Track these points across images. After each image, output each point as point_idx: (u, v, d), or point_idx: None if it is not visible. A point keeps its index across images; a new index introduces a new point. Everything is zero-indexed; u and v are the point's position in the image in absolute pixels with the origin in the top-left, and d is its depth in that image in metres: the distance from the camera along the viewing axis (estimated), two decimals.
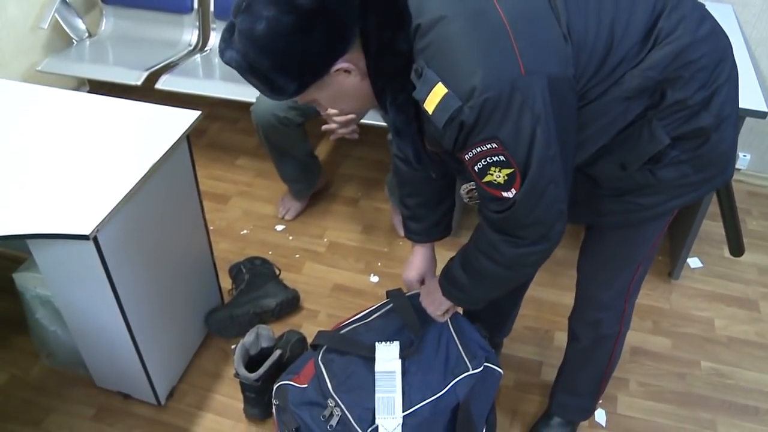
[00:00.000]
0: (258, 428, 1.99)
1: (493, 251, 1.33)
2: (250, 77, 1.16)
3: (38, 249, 1.67)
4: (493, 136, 1.13)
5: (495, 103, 1.09)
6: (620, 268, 1.60)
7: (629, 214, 1.42)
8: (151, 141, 1.77)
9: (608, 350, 1.77)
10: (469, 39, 1.11)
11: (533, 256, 1.32)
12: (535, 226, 1.26)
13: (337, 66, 1.15)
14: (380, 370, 1.58)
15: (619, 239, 1.54)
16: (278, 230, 2.72)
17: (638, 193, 1.37)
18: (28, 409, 2.06)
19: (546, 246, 1.29)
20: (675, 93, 1.23)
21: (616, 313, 1.69)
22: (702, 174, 1.34)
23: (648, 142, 1.27)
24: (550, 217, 1.25)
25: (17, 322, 2.19)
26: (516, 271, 1.37)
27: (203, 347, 2.23)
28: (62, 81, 3.14)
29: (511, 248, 1.30)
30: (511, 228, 1.27)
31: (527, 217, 1.24)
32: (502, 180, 1.18)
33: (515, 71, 1.09)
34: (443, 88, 1.12)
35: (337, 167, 3.07)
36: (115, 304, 1.70)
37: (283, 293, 2.30)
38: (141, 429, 2.00)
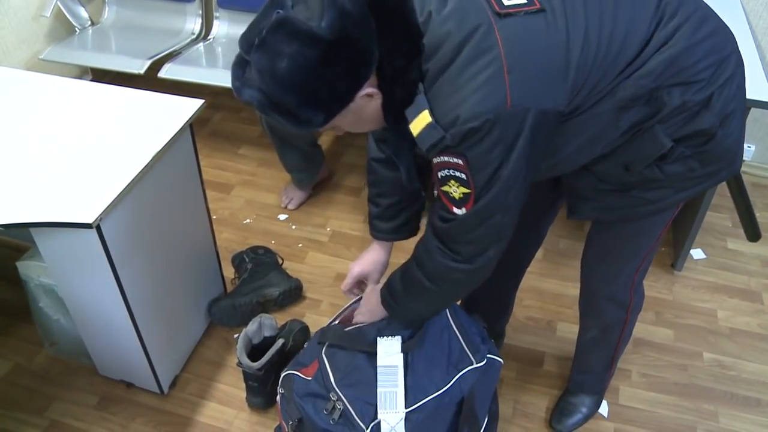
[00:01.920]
0: (260, 417, 2.00)
1: (425, 256, 1.37)
2: (275, 114, 1.12)
3: (41, 238, 1.67)
4: (462, 154, 1.16)
5: (475, 131, 1.12)
6: (625, 261, 1.61)
7: (636, 208, 1.42)
8: (154, 130, 1.76)
9: (616, 335, 1.80)
10: (465, 70, 1.12)
11: (457, 274, 1.34)
12: (470, 245, 1.30)
13: (362, 92, 1.14)
14: (382, 364, 1.58)
15: (625, 233, 1.55)
16: (281, 220, 2.72)
17: (645, 188, 1.37)
18: (32, 397, 2.07)
19: (470, 267, 1.33)
20: (673, 99, 1.23)
21: (622, 304, 1.71)
22: (709, 168, 1.34)
23: (651, 146, 1.28)
24: (487, 241, 1.29)
25: (21, 311, 2.20)
26: (438, 284, 1.40)
27: (206, 336, 2.23)
28: (65, 70, 3.13)
29: (441, 258, 1.33)
30: (449, 239, 1.31)
31: (466, 235, 1.28)
32: (457, 196, 1.22)
33: (501, 104, 1.11)
34: (428, 116, 1.16)
35: (340, 157, 3.06)
36: (118, 293, 1.70)
37: (285, 283, 2.30)
38: (144, 417, 2.00)
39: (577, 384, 2.00)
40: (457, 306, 1.76)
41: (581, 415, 1.98)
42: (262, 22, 1.08)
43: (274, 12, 1.07)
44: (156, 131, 1.75)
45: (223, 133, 3.22)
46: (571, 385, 2.02)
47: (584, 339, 1.88)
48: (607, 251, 1.63)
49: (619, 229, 1.55)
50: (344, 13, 1.06)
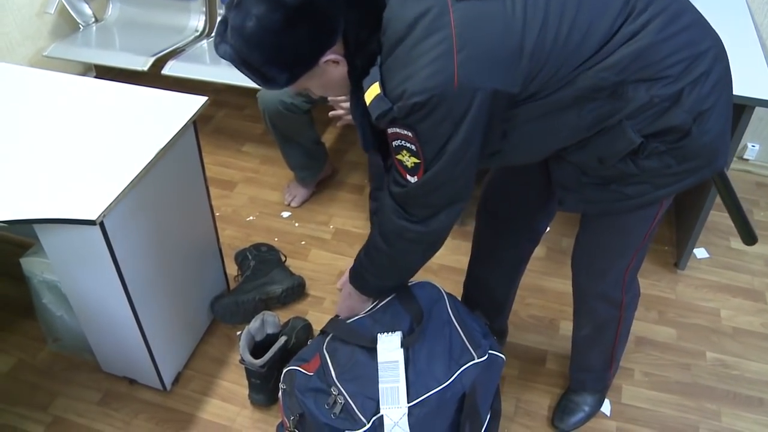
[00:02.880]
0: (262, 414, 2.00)
1: (383, 219, 1.45)
2: (244, 70, 1.23)
3: (45, 234, 1.68)
4: (411, 127, 1.23)
5: (421, 106, 1.18)
6: (612, 258, 1.62)
7: (615, 202, 1.43)
8: (157, 126, 1.76)
9: (612, 333, 1.80)
10: (416, 47, 1.18)
11: (411, 233, 1.42)
12: (423, 208, 1.39)
13: (325, 58, 1.23)
14: (383, 360, 1.58)
15: (609, 228, 1.56)
16: (284, 217, 2.72)
17: (623, 182, 1.39)
18: (35, 393, 2.07)
19: (424, 229, 1.41)
20: (639, 94, 1.24)
21: (614, 303, 1.71)
22: (686, 165, 1.34)
23: (620, 142, 1.30)
24: (439, 206, 1.38)
25: (24, 307, 2.20)
26: (395, 245, 1.48)
27: (209, 333, 2.23)
28: (69, 66, 3.14)
29: (397, 218, 1.41)
30: (404, 202, 1.39)
31: (419, 199, 1.37)
32: (409, 165, 1.30)
33: (448, 82, 1.16)
34: (377, 88, 1.23)
35: (343, 154, 3.06)
36: (122, 289, 1.71)
37: (288, 280, 2.30)
38: (146, 414, 2.01)
39: (578, 382, 2.00)
40: (458, 302, 1.77)
41: (583, 413, 1.98)
42: None
43: None
44: (159, 128, 1.76)
45: (226, 131, 3.22)
46: (572, 383, 2.02)
47: (579, 337, 1.88)
48: (594, 248, 1.64)
49: (605, 225, 1.56)
50: None
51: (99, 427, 1.98)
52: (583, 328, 1.84)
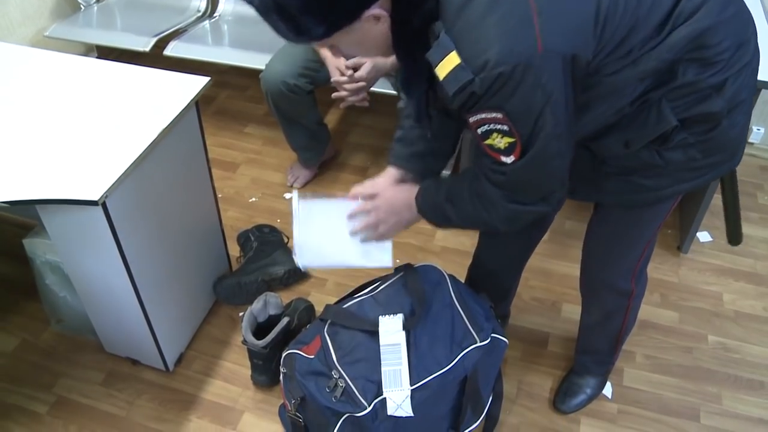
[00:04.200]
0: (265, 395, 2.01)
1: (491, 206, 1.33)
2: (276, 18, 1.10)
3: (47, 215, 1.67)
4: (499, 107, 1.13)
5: (508, 77, 1.08)
6: (626, 250, 1.60)
7: (634, 194, 1.40)
8: (159, 107, 1.76)
9: (619, 321, 1.80)
10: (490, 10, 1.08)
11: (531, 215, 1.33)
12: (533, 191, 1.29)
13: (369, 12, 1.11)
14: (385, 343, 1.58)
15: (625, 220, 1.54)
16: (287, 198, 2.71)
17: (644, 174, 1.36)
18: (39, 373, 2.08)
19: (545, 208, 1.32)
20: (687, 74, 1.20)
21: (624, 293, 1.71)
22: (710, 159, 1.32)
23: (655, 122, 1.26)
24: (549, 186, 1.28)
25: (28, 288, 2.21)
26: (512, 224, 1.36)
27: (211, 314, 2.24)
28: (70, 47, 3.12)
29: (510, 204, 1.31)
30: (510, 189, 1.29)
31: (526, 183, 1.27)
32: (502, 146, 1.20)
33: (532, 48, 1.07)
34: (456, 57, 1.10)
35: (346, 136, 3.05)
36: (124, 270, 1.71)
37: (291, 261, 2.30)
38: (149, 394, 2.02)
39: (582, 365, 2.00)
40: (461, 284, 1.77)
41: (585, 395, 1.98)
42: None
43: None
44: (162, 109, 1.75)
45: (229, 112, 3.21)
46: (576, 365, 2.02)
47: (586, 322, 1.88)
48: (607, 238, 1.62)
49: (620, 216, 1.54)
50: None
51: (102, 407, 1.99)
52: (591, 315, 1.84)
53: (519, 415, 1.97)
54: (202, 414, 1.97)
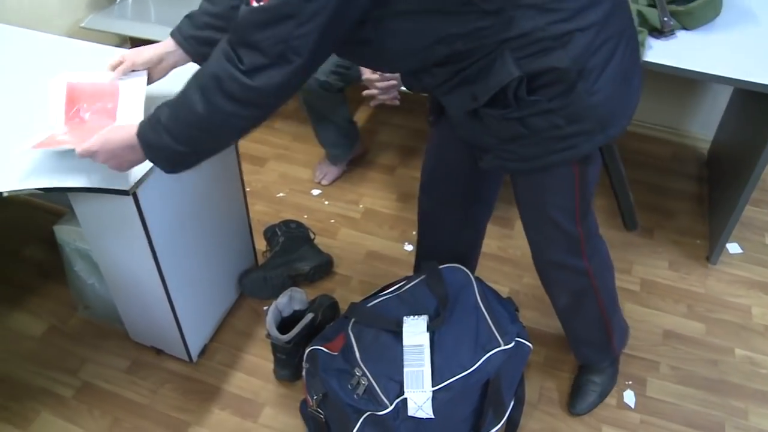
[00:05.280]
0: (287, 390, 2.01)
1: (209, 62, 1.23)
2: None
3: (79, 203, 1.70)
4: None
5: None
6: (547, 222, 1.57)
7: (517, 162, 1.41)
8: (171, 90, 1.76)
9: (593, 303, 1.76)
10: None
11: (232, 83, 1.19)
12: (253, 51, 1.17)
13: None
14: (408, 344, 1.58)
15: (528, 189, 1.55)
16: (314, 195, 2.72)
17: (518, 143, 1.36)
18: (65, 357, 2.11)
19: (248, 82, 1.18)
20: (525, 21, 1.19)
21: (578, 271, 1.68)
22: (575, 126, 1.31)
23: (498, 72, 1.24)
24: (270, 52, 1.16)
25: (57, 274, 2.24)
26: (209, 95, 1.23)
27: (236, 307, 2.25)
28: (105, 38, 3.15)
29: (224, 58, 1.20)
30: (236, 37, 1.19)
31: (252, 32, 1.16)
32: None
33: None
34: None
35: (375, 134, 3.05)
36: (152, 260, 1.72)
37: (317, 257, 2.31)
38: (172, 384, 2.04)
39: (583, 357, 1.98)
40: (486, 287, 1.76)
41: (595, 394, 1.96)
42: None
43: None
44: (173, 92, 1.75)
45: None
46: (578, 360, 2.00)
47: (559, 310, 1.86)
48: (525, 212, 1.62)
49: (524, 186, 1.55)
50: None
51: (126, 394, 2.01)
52: (559, 300, 1.81)
53: (540, 421, 1.96)
54: (224, 406, 1.98)
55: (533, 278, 2.31)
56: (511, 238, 2.52)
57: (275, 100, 1.25)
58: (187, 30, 1.58)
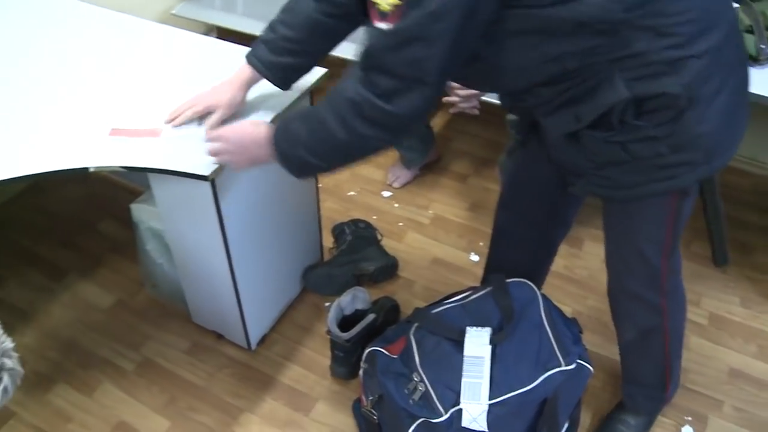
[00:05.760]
0: (341, 387, 2.02)
1: (341, 88, 1.25)
2: None
3: (158, 184, 1.74)
4: None
5: None
6: (634, 252, 1.52)
7: (614, 190, 1.36)
8: (275, 92, 1.78)
9: (659, 345, 1.70)
10: None
11: (371, 109, 1.21)
12: (388, 77, 1.18)
13: None
14: (469, 354, 1.57)
15: (621, 218, 1.49)
16: (385, 196, 2.73)
17: (616, 169, 1.31)
18: (129, 332, 2.17)
19: (388, 107, 1.19)
20: (639, 42, 1.14)
21: (654, 309, 1.61)
22: (679, 156, 1.25)
23: (606, 92, 1.20)
24: (405, 76, 1.17)
25: (129, 251, 2.31)
26: (345, 120, 1.25)
27: (298, 300, 2.27)
28: (192, 25, 3.22)
29: (355, 84, 1.21)
30: (368, 63, 1.20)
31: (382, 57, 1.17)
32: (385, 8, 1.15)
33: None
34: None
35: (450, 142, 3.04)
36: (223, 246, 1.75)
37: (382, 259, 2.31)
38: (229, 369, 2.07)
39: (629, 397, 1.89)
40: (552, 305, 1.74)
41: None
42: None
43: None
44: (277, 94, 1.77)
45: None
46: (623, 398, 1.92)
47: (623, 344, 1.79)
48: (610, 239, 1.56)
49: (617, 214, 1.50)
50: None
51: (184, 374, 2.05)
52: (625, 333, 1.75)
53: None
54: (277, 396, 2.00)
55: (598, 301, 2.27)
56: (578, 258, 2.47)
57: (413, 122, 1.26)
58: (266, 56, 1.60)
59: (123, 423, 1.93)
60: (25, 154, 1.59)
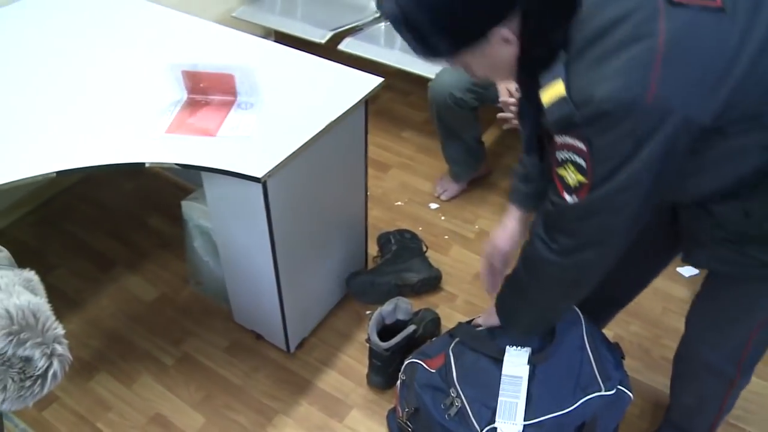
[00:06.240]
0: (376, 396, 2.02)
1: (527, 245, 1.32)
2: (405, 32, 1.11)
3: (210, 183, 1.76)
4: (587, 139, 1.08)
5: (606, 115, 1.03)
6: (732, 329, 1.45)
7: (748, 267, 1.27)
8: (331, 99, 1.80)
9: (716, 405, 1.64)
10: (618, 51, 1.02)
11: (550, 266, 1.27)
12: (569, 237, 1.23)
13: (496, 33, 1.09)
14: (507, 373, 1.56)
15: (735, 294, 1.40)
16: (431, 208, 2.72)
17: (762, 248, 1.24)
18: (171, 327, 2.20)
19: (564, 261, 1.25)
20: None
21: (725, 378, 1.55)
22: None
23: None
24: (586, 238, 1.22)
25: (177, 247, 2.35)
26: (530, 272, 1.35)
27: (338, 307, 2.28)
28: (251, 28, 3.27)
29: (539, 244, 1.27)
30: (552, 227, 1.25)
31: (570, 224, 1.21)
32: (572, 182, 1.15)
33: (641, 96, 1.01)
34: (562, 88, 1.08)
35: (500, 157, 3.02)
36: (269, 247, 1.76)
37: (426, 271, 2.31)
38: (267, 371, 2.08)
39: None
40: (595, 329, 1.71)
41: None
42: None
43: None
44: (333, 101, 1.79)
45: (389, 114, 3.26)
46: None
47: (676, 403, 1.73)
48: (712, 312, 1.48)
49: (730, 288, 1.40)
50: None
51: (222, 372, 2.07)
52: (682, 396, 1.69)
53: None
54: (313, 401, 2.01)
55: (641, 327, 2.24)
56: None
57: (593, 275, 1.31)
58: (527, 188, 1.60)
59: (159, 416, 1.96)
60: (84, 147, 1.64)
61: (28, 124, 1.71)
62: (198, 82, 1.77)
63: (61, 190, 2.73)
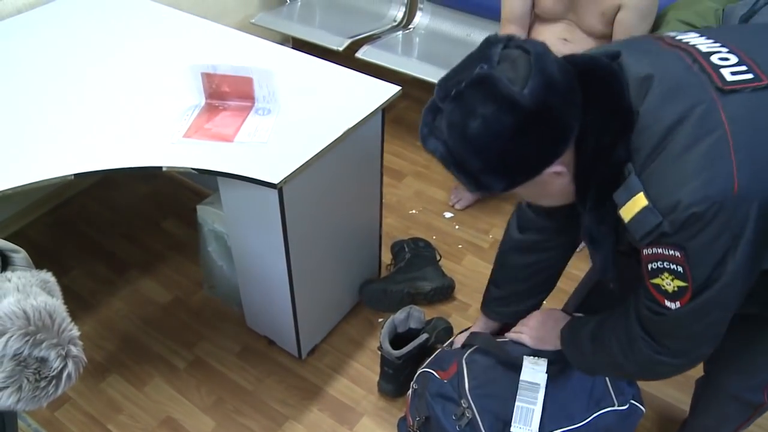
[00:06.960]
0: (387, 404, 2.01)
1: (629, 345, 1.26)
2: (455, 171, 1.10)
3: (226, 188, 1.77)
4: (681, 246, 1.04)
5: (698, 217, 1.00)
6: (763, 362, 1.43)
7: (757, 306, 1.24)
8: (348, 106, 1.81)
9: (736, 426, 1.62)
10: (689, 149, 1.01)
11: (666, 367, 1.23)
12: (682, 341, 1.19)
13: (551, 168, 1.08)
14: (525, 379, 1.55)
15: (754, 330, 1.37)
16: (446, 217, 2.72)
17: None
18: (184, 330, 2.21)
19: (683, 362, 1.22)
20: None
21: (751, 405, 1.52)
22: None
23: None
24: (702, 338, 1.17)
25: (191, 251, 2.36)
26: (644, 371, 1.31)
27: (351, 314, 2.28)
28: (269, 34, 3.29)
29: (648, 350, 1.22)
30: (658, 333, 1.20)
31: (679, 331, 1.17)
32: (671, 289, 1.10)
33: (728, 188, 0.98)
34: (644, 199, 1.04)
35: None
36: (284, 253, 1.77)
37: (439, 279, 2.30)
38: (278, 376, 2.08)
39: None
40: None
41: None
42: (464, 73, 1.04)
43: (479, 65, 1.03)
44: (350, 108, 1.80)
45: (405, 122, 3.26)
46: None
47: (695, 423, 1.71)
48: (745, 345, 1.43)
49: (765, 325, 1.36)
50: (550, 83, 1.00)
51: (233, 377, 2.07)
52: (702, 417, 1.67)
53: None
54: (324, 407, 2.01)
55: None
56: None
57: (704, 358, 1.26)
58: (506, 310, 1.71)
59: (170, 419, 1.96)
60: (102, 149, 1.65)
61: (47, 127, 1.73)
62: (217, 85, 1.78)
63: (77, 192, 2.75)
